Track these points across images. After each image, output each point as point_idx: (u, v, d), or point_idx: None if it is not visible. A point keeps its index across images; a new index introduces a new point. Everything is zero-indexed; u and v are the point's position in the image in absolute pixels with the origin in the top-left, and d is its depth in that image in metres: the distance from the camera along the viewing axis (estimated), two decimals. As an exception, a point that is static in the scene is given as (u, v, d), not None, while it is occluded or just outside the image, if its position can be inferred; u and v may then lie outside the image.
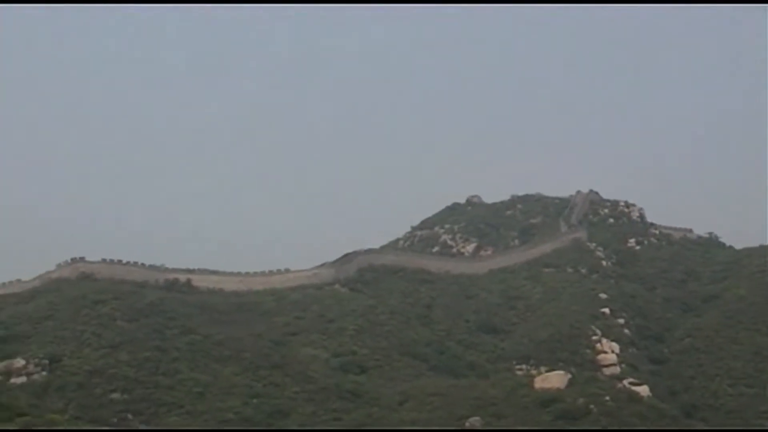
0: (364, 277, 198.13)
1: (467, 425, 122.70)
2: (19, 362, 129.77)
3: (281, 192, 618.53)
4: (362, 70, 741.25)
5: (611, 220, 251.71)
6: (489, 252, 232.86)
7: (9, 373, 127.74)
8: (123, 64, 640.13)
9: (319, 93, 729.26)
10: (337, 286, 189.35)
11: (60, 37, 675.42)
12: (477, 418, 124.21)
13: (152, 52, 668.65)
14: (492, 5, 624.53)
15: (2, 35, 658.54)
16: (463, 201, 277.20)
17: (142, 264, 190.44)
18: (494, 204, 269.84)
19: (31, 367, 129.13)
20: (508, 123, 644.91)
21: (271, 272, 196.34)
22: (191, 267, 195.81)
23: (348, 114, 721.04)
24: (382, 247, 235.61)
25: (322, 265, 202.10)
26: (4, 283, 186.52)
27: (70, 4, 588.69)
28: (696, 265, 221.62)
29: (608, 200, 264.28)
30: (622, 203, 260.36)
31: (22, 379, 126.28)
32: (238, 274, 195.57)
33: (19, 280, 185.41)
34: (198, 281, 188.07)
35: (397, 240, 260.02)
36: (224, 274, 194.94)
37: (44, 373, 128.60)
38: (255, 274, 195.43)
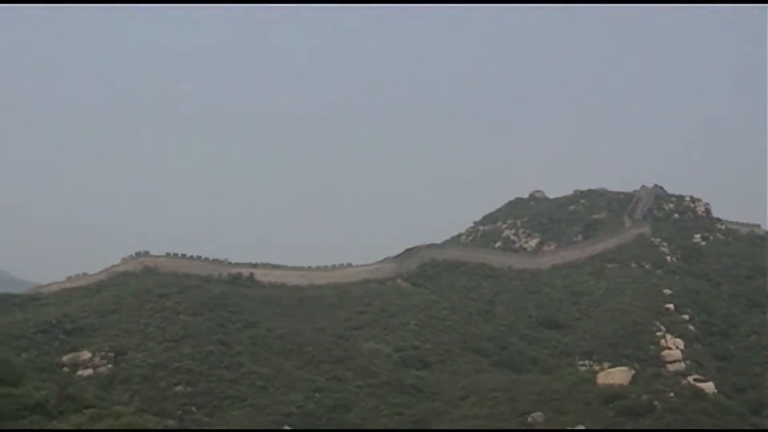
0: (426, 272, 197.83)
1: (529, 420, 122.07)
2: (86, 355, 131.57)
3: (344, 188, 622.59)
4: (416, 68, 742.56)
5: (676, 215, 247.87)
6: (552, 247, 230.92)
7: (76, 365, 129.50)
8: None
9: (377, 90, 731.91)
10: (399, 280, 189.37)
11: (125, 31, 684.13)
12: (539, 413, 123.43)
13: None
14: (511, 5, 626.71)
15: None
16: (526, 196, 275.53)
17: (206, 258, 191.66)
18: (557, 199, 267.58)
19: (97, 360, 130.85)
20: (565, 119, 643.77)
21: (333, 267, 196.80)
22: (254, 261, 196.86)
23: (408, 110, 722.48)
24: (445, 242, 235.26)
25: (384, 260, 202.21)
26: (70, 277, 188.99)
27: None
28: (763, 262, 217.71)
29: (673, 195, 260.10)
30: (688, 198, 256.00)
31: (89, 372, 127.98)
32: (301, 268, 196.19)
33: (85, 274, 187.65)
34: (261, 275, 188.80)
35: (460, 235, 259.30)
36: (287, 268, 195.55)
37: (110, 365, 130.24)
38: (317, 268, 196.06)
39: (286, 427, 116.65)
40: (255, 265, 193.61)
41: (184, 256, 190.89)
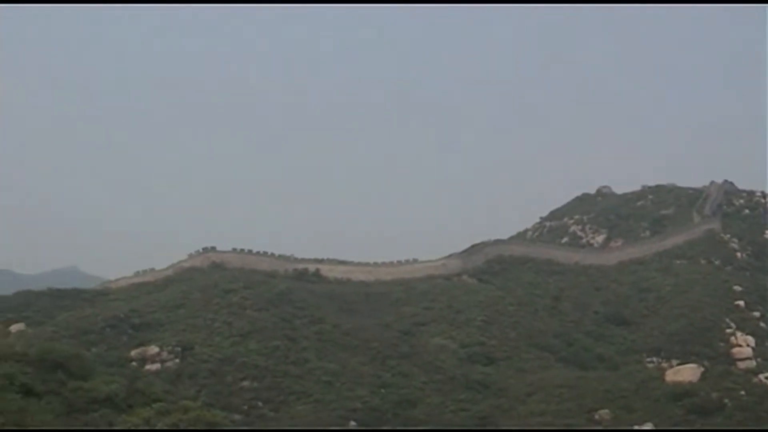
0: (492, 268, 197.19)
1: (596, 418, 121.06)
2: (153, 349, 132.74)
3: (411, 183, 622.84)
4: (492, 68, 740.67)
5: (747, 211, 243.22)
6: (619, 243, 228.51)
7: (144, 360, 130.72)
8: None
9: (437, 87, 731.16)
10: (465, 276, 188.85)
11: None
12: (606, 410, 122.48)
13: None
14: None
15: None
16: (593, 191, 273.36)
17: (272, 254, 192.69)
18: (625, 195, 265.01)
19: (164, 354, 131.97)
20: (633, 114, 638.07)
21: (399, 262, 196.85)
22: (320, 257, 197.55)
23: (476, 106, 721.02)
24: (511, 238, 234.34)
25: (450, 256, 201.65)
26: (138, 272, 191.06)
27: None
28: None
29: (744, 190, 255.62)
30: (759, 193, 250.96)
31: (156, 366, 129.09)
32: (367, 264, 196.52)
33: (152, 269, 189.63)
34: (327, 271, 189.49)
35: (526, 231, 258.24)
36: (353, 264, 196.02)
37: (177, 360, 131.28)
38: (383, 264, 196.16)
39: (352, 423, 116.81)
40: (321, 261, 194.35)
41: (250, 251, 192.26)
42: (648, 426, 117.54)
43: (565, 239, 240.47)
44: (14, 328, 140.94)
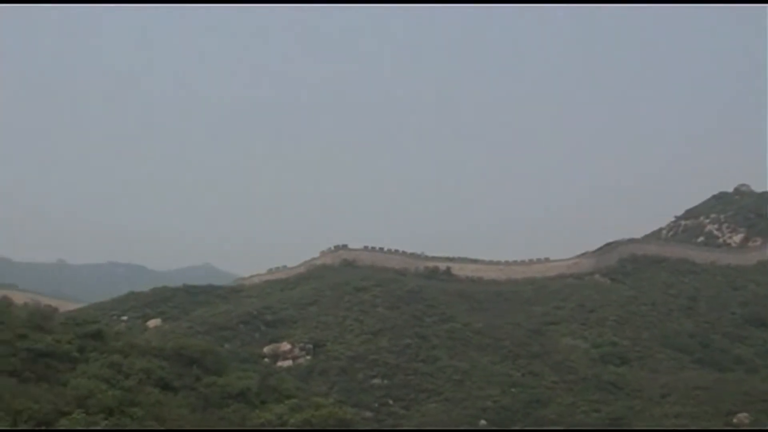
0: (625, 268, 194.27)
1: (734, 421, 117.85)
2: (285, 346, 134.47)
3: (543, 182, 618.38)
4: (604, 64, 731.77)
5: None
6: (758, 243, 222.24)
7: (276, 357, 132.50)
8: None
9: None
10: (597, 276, 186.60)
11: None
12: (745, 414, 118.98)
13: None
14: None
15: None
16: (730, 190, 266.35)
17: (403, 252, 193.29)
18: (765, 193, 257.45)
19: (296, 351, 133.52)
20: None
21: (531, 261, 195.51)
22: (451, 255, 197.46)
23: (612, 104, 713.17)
24: (645, 237, 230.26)
25: (583, 255, 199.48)
26: (271, 269, 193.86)
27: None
28: None
29: None
30: None
31: (288, 363, 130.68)
32: (498, 263, 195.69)
33: (285, 267, 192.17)
34: (458, 269, 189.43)
35: (660, 230, 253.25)
36: (483, 262, 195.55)
37: (308, 357, 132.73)
38: (515, 263, 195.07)
39: (483, 422, 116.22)
40: (451, 259, 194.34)
41: (381, 249, 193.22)
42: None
43: (700, 239, 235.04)
44: (151, 323, 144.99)
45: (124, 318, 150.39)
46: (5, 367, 52.89)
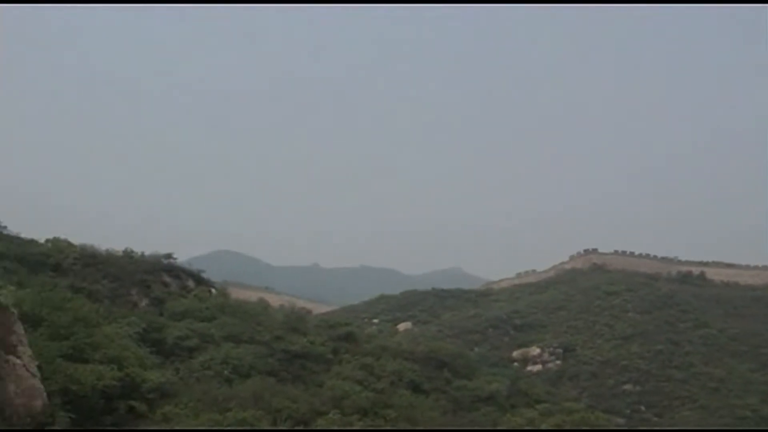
0: None
1: None
2: (535, 350, 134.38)
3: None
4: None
5: None
6: None
7: (525, 361, 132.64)
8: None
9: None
10: None
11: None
12: None
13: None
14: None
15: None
16: None
17: (654, 256, 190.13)
18: None
19: (545, 356, 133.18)
20: None
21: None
22: (705, 260, 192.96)
23: None
24: None
25: None
26: (519, 273, 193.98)
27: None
28: None
29: None
30: None
31: (537, 367, 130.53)
32: (755, 267, 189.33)
33: (534, 271, 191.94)
34: (712, 274, 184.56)
35: None
36: (740, 267, 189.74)
37: (558, 361, 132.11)
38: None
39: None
40: (706, 264, 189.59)
41: (632, 253, 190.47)
42: None
43: None
44: (401, 326, 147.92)
45: (375, 321, 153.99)
46: (263, 367, 55.37)
